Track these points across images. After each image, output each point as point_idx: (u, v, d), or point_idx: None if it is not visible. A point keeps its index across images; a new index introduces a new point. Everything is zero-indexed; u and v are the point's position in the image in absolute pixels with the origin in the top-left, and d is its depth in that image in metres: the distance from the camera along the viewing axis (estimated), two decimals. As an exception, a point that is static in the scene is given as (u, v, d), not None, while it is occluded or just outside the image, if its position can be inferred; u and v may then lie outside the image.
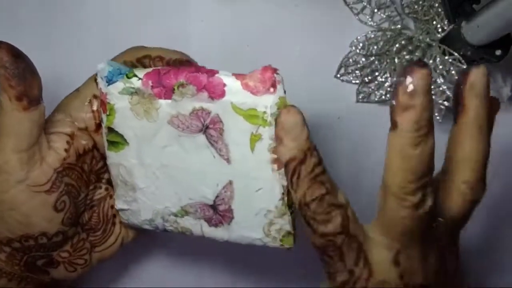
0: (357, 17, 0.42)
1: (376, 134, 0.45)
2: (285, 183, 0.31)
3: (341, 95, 0.44)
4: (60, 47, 0.44)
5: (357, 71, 0.43)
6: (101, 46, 0.44)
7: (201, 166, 0.33)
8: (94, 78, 0.36)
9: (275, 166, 0.31)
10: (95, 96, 0.36)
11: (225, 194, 0.33)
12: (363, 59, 0.43)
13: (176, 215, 0.36)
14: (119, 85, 0.33)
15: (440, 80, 0.40)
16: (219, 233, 0.35)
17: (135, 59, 0.36)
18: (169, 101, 0.32)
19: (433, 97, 0.40)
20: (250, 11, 0.43)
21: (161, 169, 0.34)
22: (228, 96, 0.31)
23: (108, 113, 0.34)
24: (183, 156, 0.34)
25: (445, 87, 0.40)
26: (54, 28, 0.44)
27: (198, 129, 0.33)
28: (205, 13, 0.43)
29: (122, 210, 0.37)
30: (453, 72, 0.40)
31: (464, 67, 0.39)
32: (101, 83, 0.34)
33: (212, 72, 0.32)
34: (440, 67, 0.40)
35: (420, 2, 0.40)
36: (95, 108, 0.36)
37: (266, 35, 0.43)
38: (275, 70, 0.30)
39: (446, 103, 0.40)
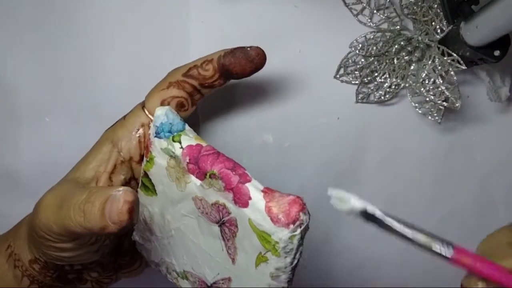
0: (356, 18, 0.42)
1: (375, 134, 0.45)
2: None
3: (341, 95, 0.44)
4: (58, 50, 0.44)
5: (356, 72, 0.44)
6: (100, 47, 0.44)
7: (210, 250, 0.33)
8: (141, 106, 0.36)
9: None
10: (142, 125, 0.35)
11: (222, 285, 0.34)
12: (363, 60, 0.43)
13: (178, 274, 0.36)
14: (163, 143, 0.33)
15: (439, 81, 0.40)
16: None
17: (180, 76, 0.36)
18: (199, 182, 0.32)
19: (432, 97, 0.40)
20: (250, 12, 0.43)
21: (177, 231, 0.35)
22: (249, 210, 0.30)
23: (148, 160, 0.34)
24: (197, 233, 0.34)
25: (443, 88, 0.40)
26: (52, 31, 0.44)
27: (215, 220, 0.32)
28: (206, 14, 0.43)
29: (138, 242, 0.38)
30: (452, 72, 0.40)
31: (463, 67, 0.39)
32: (152, 129, 0.34)
33: (244, 178, 0.31)
34: (439, 67, 0.40)
35: (419, 3, 0.40)
36: (142, 139, 0.35)
37: (266, 36, 0.43)
38: (303, 208, 0.29)
39: (445, 103, 0.40)
